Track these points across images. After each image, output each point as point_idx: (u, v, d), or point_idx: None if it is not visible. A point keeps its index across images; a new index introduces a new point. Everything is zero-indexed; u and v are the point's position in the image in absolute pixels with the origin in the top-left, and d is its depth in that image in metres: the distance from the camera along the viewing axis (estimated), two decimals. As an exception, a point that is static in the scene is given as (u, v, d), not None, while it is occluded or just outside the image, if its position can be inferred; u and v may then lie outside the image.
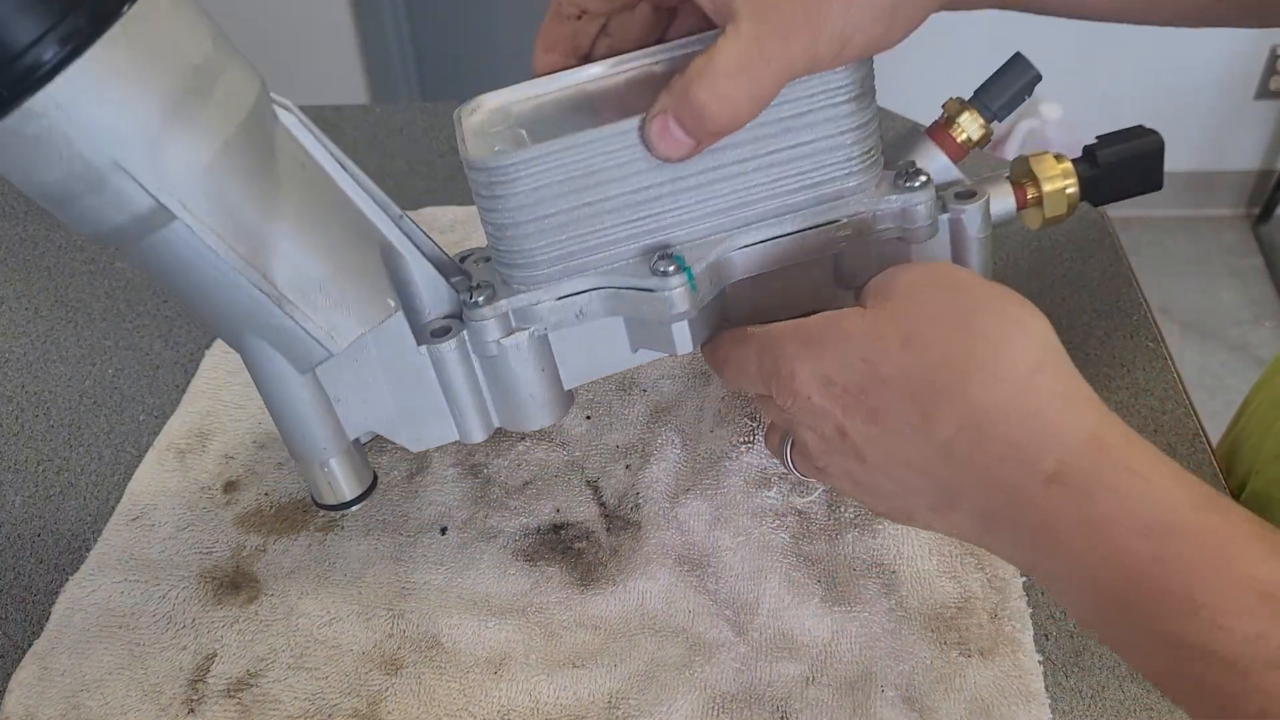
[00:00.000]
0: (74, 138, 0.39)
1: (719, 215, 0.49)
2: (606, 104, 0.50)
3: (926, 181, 0.49)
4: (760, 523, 0.55)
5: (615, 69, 0.51)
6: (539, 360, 0.51)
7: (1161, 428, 0.60)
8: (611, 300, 0.49)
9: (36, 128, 0.39)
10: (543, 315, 0.49)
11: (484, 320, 0.49)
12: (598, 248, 0.48)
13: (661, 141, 0.45)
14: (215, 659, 0.51)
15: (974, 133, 0.52)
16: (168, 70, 0.40)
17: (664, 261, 0.48)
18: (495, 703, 0.49)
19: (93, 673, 0.51)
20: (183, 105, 0.41)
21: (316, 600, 0.53)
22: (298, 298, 0.45)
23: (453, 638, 0.51)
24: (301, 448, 0.50)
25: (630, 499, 0.57)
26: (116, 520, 0.58)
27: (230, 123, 0.42)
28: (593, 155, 0.46)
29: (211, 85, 0.42)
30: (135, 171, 0.40)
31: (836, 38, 0.44)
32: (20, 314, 0.73)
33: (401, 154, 0.87)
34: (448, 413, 0.52)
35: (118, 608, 0.53)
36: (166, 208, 0.41)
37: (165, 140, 0.41)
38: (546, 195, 0.47)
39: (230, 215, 0.43)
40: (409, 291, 0.50)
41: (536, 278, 0.49)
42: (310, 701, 0.49)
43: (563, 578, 0.54)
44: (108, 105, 0.39)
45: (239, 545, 0.56)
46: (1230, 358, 2.10)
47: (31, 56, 0.38)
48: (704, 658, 0.50)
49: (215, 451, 0.61)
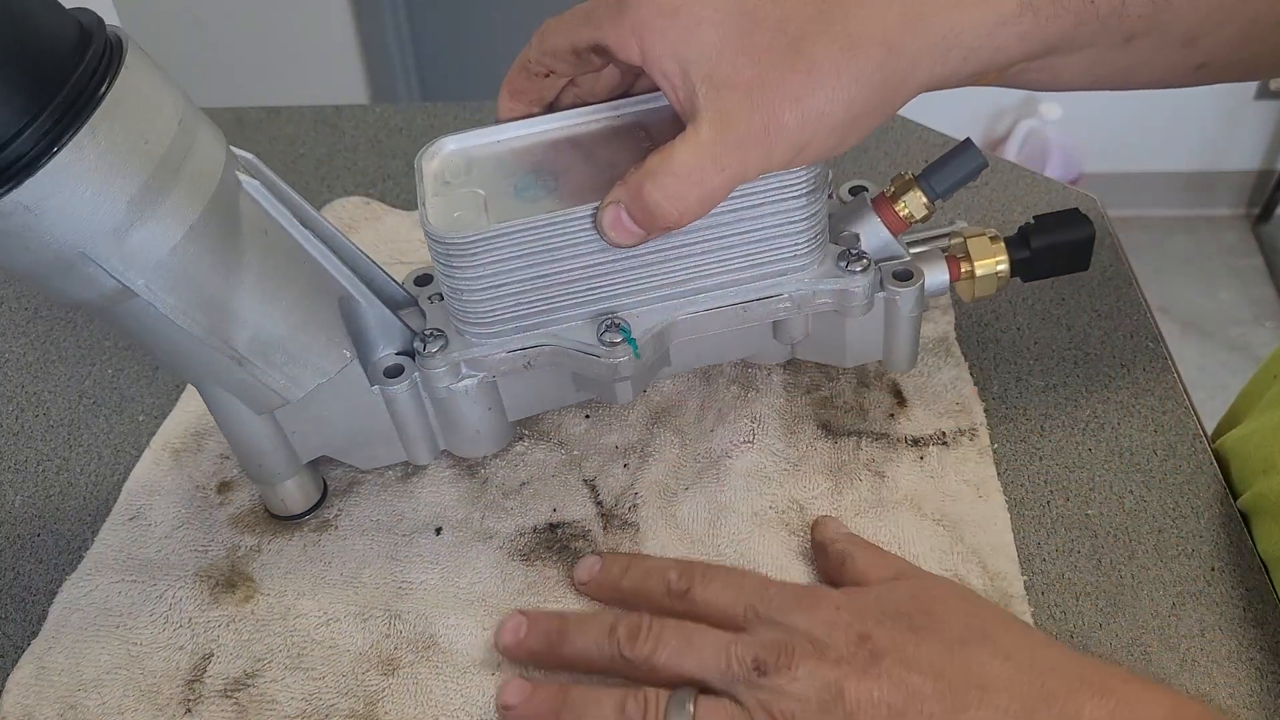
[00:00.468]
0: (42, 233, 0.39)
1: (667, 288, 0.52)
2: (567, 161, 0.52)
3: (867, 266, 0.52)
4: (761, 522, 0.55)
5: (578, 120, 0.53)
6: (486, 401, 0.54)
7: (1161, 428, 0.60)
8: (559, 356, 0.52)
9: (5, 224, 0.39)
10: (492, 365, 0.52)
11: (436, 368, 0.52)
12: (549, 312, 0.51)
13: (613, 230, 0.48)
14: (212, 659, 0.51)
15: (917, 211, 0.55)
16: (136, 163, 0.40)
17: (611, 332, 0.51)
18: (493, 703, 0.49)
19: (90, 672, 0.51)
20: (149, 195, 0.41)
21: (313, 600, 0.53)
22: (257, 357, 0.48)
23: (450, 638, 0.51)
24: (258, 474, 0.54)
25: (628, 499, 0.57)
26: (113, 520, 0.58)
27: (195, 206, 0.43)
28: (548, 235, 0.49)
29: (177, 169, 0.42)
30: (101, 260, 0.41)
31: (792, 148, 0.46)
32: (20, 314, 0.73)
33: (401, 154, 0.87)
34: (397, 439, 0.55)
35: (115, 607, 0.53)
36: (131, 290, 0.42)
37: (132, 230, 0.41)
38: (502, 269, 0.49)
39: (194, 290, 0.44)
40: (363, 333, 0.53)
41: (489, 334, 0.51)
42: (307, 702, 0.49)
43: (560, 577, 0.54)
44: (76, 204, 0.39)
45: (234, 545, 0.56)
46: (1230, 358, 2.10)
47: (7, 155, 0.38)
48: None
49: (211, 451, 0.61)
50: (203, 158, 0.43)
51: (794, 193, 0.49)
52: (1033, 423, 0.60)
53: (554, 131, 0.53)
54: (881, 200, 0.55)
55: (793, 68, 0.45)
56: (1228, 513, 0.55)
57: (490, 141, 0.53)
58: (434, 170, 0.52)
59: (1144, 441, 0.59)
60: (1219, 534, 0.54)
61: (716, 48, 0.45)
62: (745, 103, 0.45)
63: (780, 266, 0.52)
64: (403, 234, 0.77)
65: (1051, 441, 0.59)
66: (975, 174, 0.54)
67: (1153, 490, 0.57)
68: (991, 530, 0.54)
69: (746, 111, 0.45)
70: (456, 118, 0.91)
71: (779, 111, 0.45)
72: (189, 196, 0.42)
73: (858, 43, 0.45)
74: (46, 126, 0.38)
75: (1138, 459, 0.58)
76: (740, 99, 0.45)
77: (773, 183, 0.49)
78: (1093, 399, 0.62)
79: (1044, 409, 0.61)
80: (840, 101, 0.45)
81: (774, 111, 0.45)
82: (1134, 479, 0.57)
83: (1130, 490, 0.57)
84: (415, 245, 0.75)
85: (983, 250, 0.55)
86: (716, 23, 0.45)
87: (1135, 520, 0.55)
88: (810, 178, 0.49)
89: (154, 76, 0.42)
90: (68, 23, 0.40)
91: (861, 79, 0.45)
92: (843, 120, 0.46)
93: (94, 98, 0.39)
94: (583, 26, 0.48)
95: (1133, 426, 0.60)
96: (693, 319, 0.52)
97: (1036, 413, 0.61)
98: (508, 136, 0.53)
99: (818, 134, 0.46)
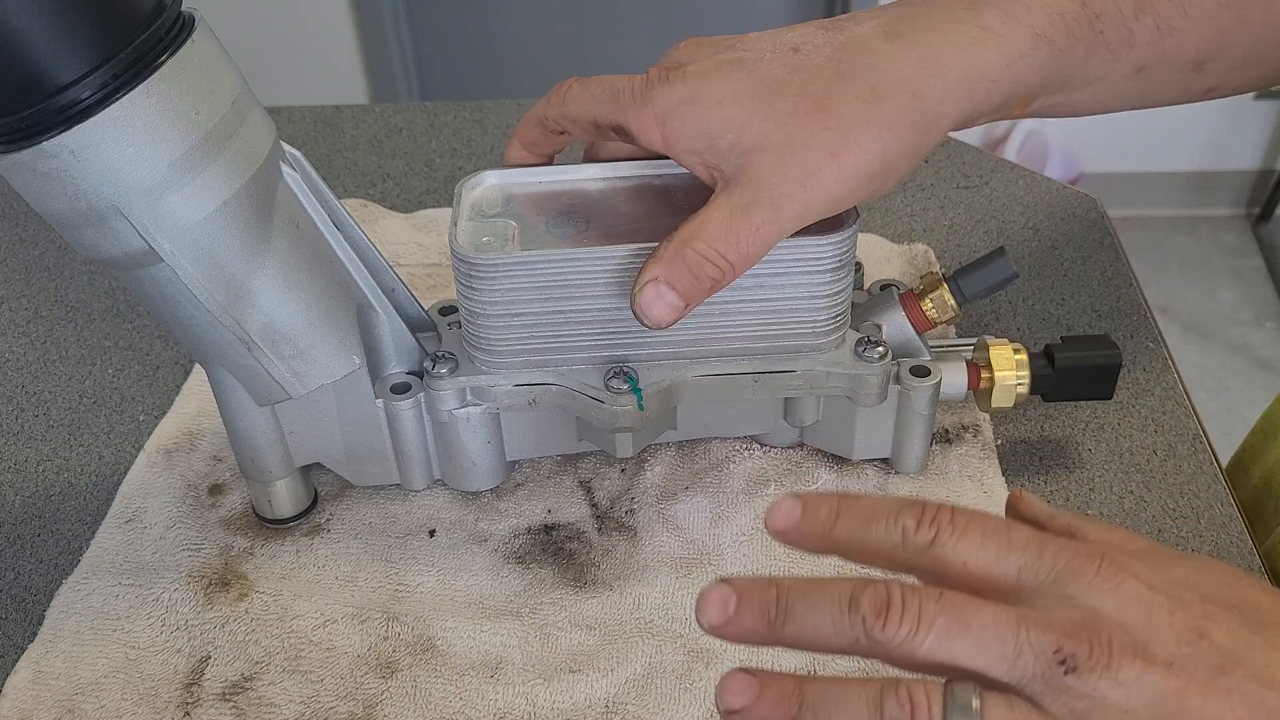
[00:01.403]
0: (80, 180, 0.41)
1: (680, 346, 0.52)
2: (600, 211, 0.52)
3: (884, 355, 0.52)
4: (762, 520, 0.55)
5: (617, 175, 0.54)
6: (487, 433, 0.54)
7: (1161, 428, 0.60)
8: (564, 398, 0.52)
9: (47, 166, 0.41)
10: (498, 396, 0.52)
11: (442, 391, 0.52)
12: (560, 350, 0.51)
13: (653, 308, 0.46)
14: (210, 661, 0.51)
15: (943, 312, 0.55)
16: (182, 131, 0.42)
17: (618, 379, 0.51)
18: (492, 706, 0.49)
19: (88, 676, 0.51)
20: (190, 164, 0.43)
21: (309, 602, 0.53)
22: (267, 345, 0.48)
23: (447, 640, 0.51)
24: (251, 469, 0.54)
25: (624, 502, 0.57)
26: (109, 523, 0.58)
27: (232, 184, 0.44)
28: (568, 272, 0.49)
29: (222, 146, 0.44)
30: (133, 217, 0.42)
31: (830, 199, 0.46)
32: (20, 314, 0.73)
33: (401, 154, 0.87)
34: (393, 459, 0.55)
35: (111, 610, 0.53)
36: (156, 252, 0.44)
37: (167, 193, 0.43)
38: (520, 297, 0.50)
39: (215, 265, 0.45)
40: (377, 346, 0.53)
41: (499, 364, 0.52)
42: (306, 705, 0.49)
43: (555, 579, 0.54)
44: (119, 157, 0.41)
45: (227, 545, 0.56)
46: (1230, 358, 2.10)
47: (64, 98, 0.40)
48: (703, 664, 0.50)
49: (204, 452, 0.61)
50: (249, 140, 0.45)
51: (821, 266, 0.49)
52: (1033, 423, 0.60)
53: (594, 180, 0.53)
54: (909, 296, 0.55)
55: (823, 125, 0.45)
56: (1228, 513, 0.55)
57: (532, 181, 0.54)
58: (473, 199, 0.53)
59: (1144, 441, 0.59)
60: (1219, 534, 0.54)
61: (740, 120, 0.46)
62: (777, 163, 0.45)
63: (797, 342, 0.51)
64: (399, 236, 0.77)
65: (1051, 441, 0.59)
66: (1006, 283, 0.54)
67: (1153, 490, 0.57)
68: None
69: (779, 170, 0.45)
70: (456, 117, 0.91)
71: (815, 168, 0.45)
72: (228, 172, 0.44)
73: (881, 94, 0.45)
74: (106, 78, 0.40)
75: (1138, 459, 0.58)
76: (772, 160, 0.45)
77: (801, 254, 0.49)
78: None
79: (1044, 409, 0.61)
80: (874, 150, 0.45)
81: (809, 168, 0.45)
82: (1134, 479, 0.57)
83: (1130, 490, 0.57)
84: (411, 248, 0.75)
85: (1005, 361, 0.54)
86: (736, 99, 0.46)
87: (1135, 520, 0.55)
88: (838, 253, 0.49)
89: (218, 57, 0.44)
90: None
91: (892, 125, 0.45)
92: (879, 167, 0.46)
93: (155, 60, 0.41)
94: (607, 105, 0.48)
95: (1133, 426, 0.60)
96: (701, 381, 0.52)
97: (1036, 413, 0.61)
98: (549, 179, 0.53)
99: (856, 184, 0.46)
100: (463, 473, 0.55)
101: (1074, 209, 0.78)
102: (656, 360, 0.52)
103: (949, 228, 0.76)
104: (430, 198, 0.82)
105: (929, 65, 0.46)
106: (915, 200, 0.79)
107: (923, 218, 0.77)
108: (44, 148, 0.40)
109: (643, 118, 0.47)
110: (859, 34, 0.47)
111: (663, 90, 0.47)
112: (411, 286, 0.56)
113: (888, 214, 0.78)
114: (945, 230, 0.76)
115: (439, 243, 0.76)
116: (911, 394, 0.53)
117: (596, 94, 0.49)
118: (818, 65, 0.46)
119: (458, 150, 0.87)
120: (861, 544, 0.37)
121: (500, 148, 0.87)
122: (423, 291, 0.70)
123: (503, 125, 0.89)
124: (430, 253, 0.75)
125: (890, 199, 0.79)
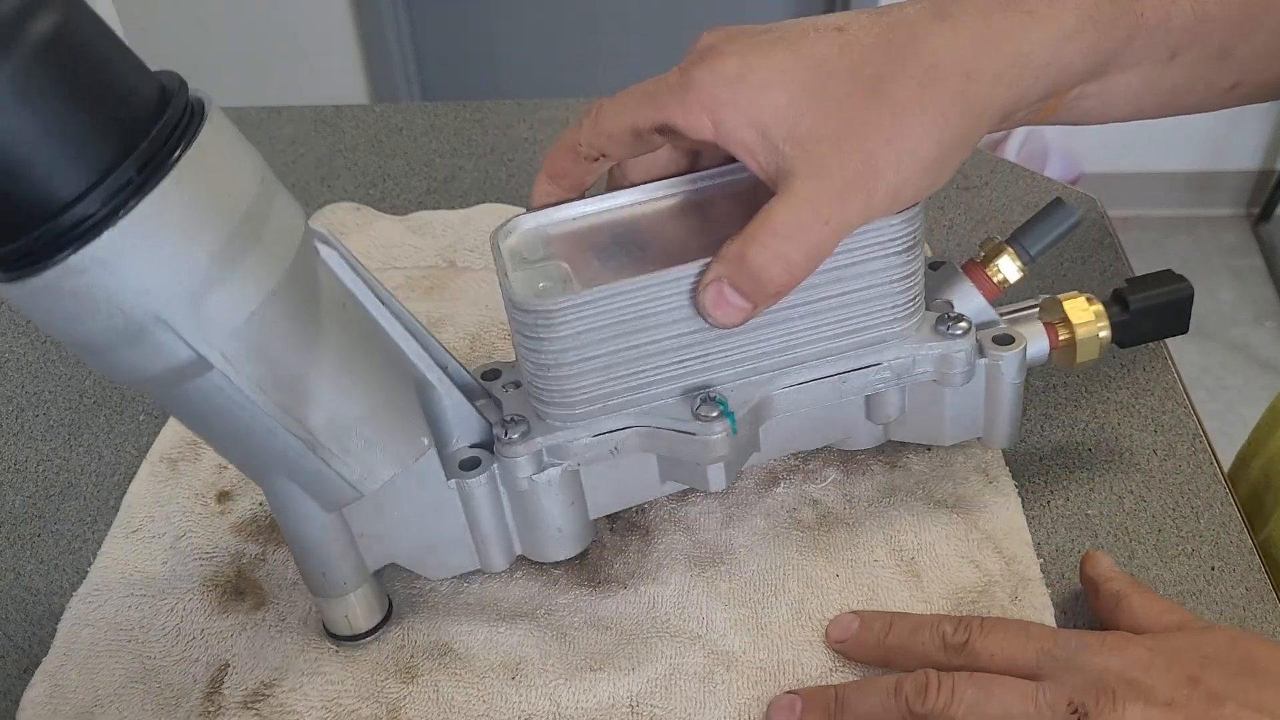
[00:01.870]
0: (115, 293, 0.37)
1: (762, 359, 0.49)
2: (649, 235, 0.49)
3: (968, 329, 0.50)
4: (774, 520, 0.55)
5: (654, 196, 0.51)
6: (569, 495, 0.50)
7: (1161, 428, 0.60)
8: (649, 439, 0.49)
9: (76, 284, 0.36)
10: (577, 452, 0.49)
11: (518, 457, 0.48)
12: (639, 388, 0.48)
13: (718, 309, 0.45)
14: (229, 669, 0.51)
15: (1011, 275, 0.53)
16: (218, 220, 0.38)
17: (707, 405, 0.48)
18: (516, 708, 0.48)
19: (105, 688, 0.50)
20: (230, 255, 0.38)
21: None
22: (332, 443, 0.43)
23: (465, 644, 0.51)
24: (323, 585, 0.49)
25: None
26: (115, 534, 0.57)
27: (277, 270, 0.40)
28: (641, 301, 0.46)
29: (260, 228, 0.39)
30: (177, 325, 0.38)
31: (890, 191, 0.44)
32: (20, 314, 0.73)
33: (401, 154, 0.87)
34: (470, 543, 0.51)
35: (125, 622, 0.53)
36: (206, 360, 0.39)
37: (211, 291, 0.38)
38: (592, 339, 0.46)
39: (270, 364, 0.41)
40: (437, 424, 0.49)
41: (574, 416, 0.48)
42: (328, 710, 0.49)
43: (569, 579, 0.54)
44: (155, 261, 0.37)
45: (238, 552, 0.56)
46: (1230, 358, 2.10)
47: (78, 211, 0.35)
48: (724, 666, 0.50)
49: (208, 460, 0.61)
50: (282, 219, 0.41)
51: (893, 248, 0.47)
52: (1033, 423, 0.60)
53: (629, 207, 0.50)
54: (972, 265, 0.53)
55: (877, 110, 0.43)
56: (1228, 513, 0.55)
57: (565, 219, 0.50)
58: (511, 247, 0.49)
59: (1144, 441, 0.59)
60: (1219, 534, 0.55)
61: (792, 106, 0.43)
62: (835, 152, 0.43)
63: (879, 332, 0.49)
64: (394, 239, 0.76)
65: (1051, 442, 0.59)
66: (1069, 232, 0.52)
67: (1153, 490, 0.57)
68: (1003, 515, 0.55)
69: (839, 160, 0.43)
70: (456, 117, 0.91)
71: (872, 155, 0.43)
72: (270, 258, 0.40)
73: (936, 75, 0.44)
74: (127, 177, 0.36)
75: (1138, 459, 0.58)
76: (830, 149, 0.43)
77: (870, 239, 0.47)
78: (1093, 399, 0.62)
79: (1044, 409, 0.61)
80: (930, 138, 0.44)
81: (867, 156, 0.43)
82: (1134, 479, 0.57)
83: (1130, 490, 0.57)
84: (408, 250, 0.75)
85: (1082, 314, 0.53)
86: (786, 82, 0.44)
87: (1135, 520, 0.55)
88: (908, 231, 0.47)
89: (235, 136, 0.40)
90: (149, 80, 0.38)
91: (946, 110, 0.44)
92: (934, 156, 0.44)
93: (178, 149, 0.37)
94: (645, 106, 0.46)
95: (1133, 426, 0.60)
96: (789, 393, 0.50)
97: (1036, 413, 0.61)
98: (582, 213, 0.50)
99: (913, 173, 0.44)
100: (548, 542, 0.51)
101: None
102: (740, 379, 0.49)
103: (949, 228, 0.76)
104: (430, 198, 0.82)
105: (981, 45, 0.44)
106: (915, 200, 0.79)
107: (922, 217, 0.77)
108: (70, 264, 0.36)
109: (687, 106, 0.44)
110: (907, 15, 0.45)
111: (703, 73, 0.44)
112: (410, 289, 0.55)
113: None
114: (945, 230, 0.76)
115: (434, 244, 0.76)
116: (1001, 364, 0.51)
117: (631, 101, 0.46)
118: (867, 46, 0.44)
119: (458, 150, 0.87)
120: (908, 650, 0.47)
121: (501, 147, 0.87)
122: (421, 294, 0.70)
123: (503, 125, 0.89)
124: (426, 255, 0.75)
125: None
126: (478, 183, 0.83)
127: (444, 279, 0.72)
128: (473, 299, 0.70)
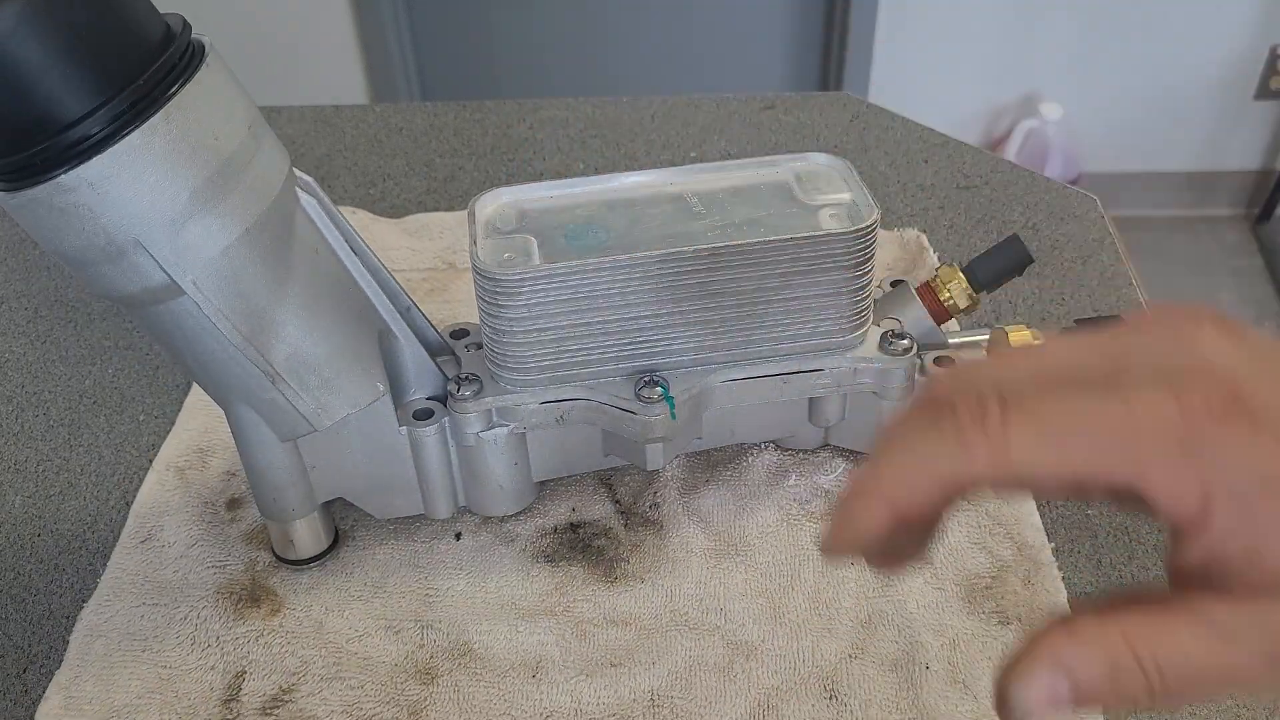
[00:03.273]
0: (100, 214, 0.40)
1: (710, 350, 0.51)
2: (620, 218, 0.52)
3: (909, 348, 0.52)
4: (786, 511, 0.56)
5: (630, 183, 0.53)
6: (513, 455, 0.53)
7: (1161, 428, 0.60)
8: (593, 412, 0.52)
9: (64, 201, 0.40)
10: (525, 416, 0.52)
11: (468, 413, 0.51)
12: (588, 363, 0.51)
13: (1031, 695, 0.28)
14: (245, 676, 0.50)
15: (960, 301, 0.55)
16: (203, 158, 0.41)
17: (649, 388, 0.51)
18: (537, 706, 0.49)
19: (122, 699, 0.50)
20: (211, 191, 0.42)
21: (341, 613, 0.53)
22: (292, 377, 0.47)
23: (484, 643, 0.51)
24: (272, 509, 0.53)
25: (647, 497, 0.57)
26: (124, 543, 0.57)
27: (254, 210, 0.43)
28: (595, 281, 0.49)
29: (242, 172, 0.43)
30: (154, 249, 0.41)
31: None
32: (20, 314, 0.73)
33: (401, 154, 0.87)
34: (417, 489, 0.54)
35: (138, 631, 0.53)
36: (178, 285, 0.42)
37: (189, 223, 0.42)
38: (547, 311, 0.49)
39: (239, 296, 0.44)
40: (398, 372, 0.52)
41: (525, 381, 0.51)
42: (348, 713, 0.49)
43: (586, 575, 0.54)
44: (139, 187, 0.40)
45: (251, 559, 0.56)
46: (1230, 358, 2.10)
47: (73, 134, 0.39)
48: (744, 656, 0.50)
49: (216, 468, 0.60)
50: (266, 165, 0.44)
51: (844, 261, 0.49)
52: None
53: (607, 192, 0.53)
54: (924, 288, 0.55)
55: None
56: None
57: (544, 196, 0.53)
58: (486, 216, 0.52)
59: (1144, 441, 0.59)
60: (1219, 534, 0.54)
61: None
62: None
63: (824, 340, 0.51)
64: (391, 242, 0.76)
65: (1052, 441, 0.59)
66: (1020, 268, 0.54)
67: (1153, 490, 0.57)
68: (1013, 501, 0.56)
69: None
70: (456, 117, 0.91)
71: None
72: (249, 199, 0.43)
73: None
74: (121, 108, 0.39)
75: (1138, 459, 0.58)
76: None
77: (823, 250, 0.49)
78: (1093, 399, 0.62)
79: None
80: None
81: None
82: (1134, 479, 0.57)
83: (1130, 490, 0.57)
84: (404, 253, 0.75)
85: (1024, 345, 0.53)
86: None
87: (1135, 520, 0.55)
88: (859, 247, 0.49)
89: (230, 82, 0.43)
90: (155, 20, 0.41)
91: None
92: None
93: (172, 87, 0.40)
94: (1112, 452, 0.26)
95: (1133, 426, 0.60)
96: (730, 386, 0.52)
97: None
98: (562, 193, 0.53)
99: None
100: (489, 497, 0.54)
101: (1074, 209, 0.78)
102: (685, 368, 0.51)
103: (949, 227, 0.76)
104: (430, 198, 0.82)
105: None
106: (915, 200, 0.79)
107: (923, 217, 0.77)
108: (61, 182, 0.39)
109: (1184, 482, 0.26)
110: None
111: (1229, 440, 0.26)
112: (410, 292, 0.56)
113: (887, 214, 0.78)
114: (945, 230, 0.76)
115: (431, 247, 0.76)
116: None
117: (1073, 422, 0.27)
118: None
119: (458, 150, 0.87)
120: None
121: (500, 147, 0.87)
122: (419, 296, 0.70)
123: (503, 125, 0.89)
124: (424, 257, 0.75)
125: (890, 199, 0.79)
126: (478, 183, 0.83)
127: (444, 280, 0.72)
128: (474, 299, 0.70)
